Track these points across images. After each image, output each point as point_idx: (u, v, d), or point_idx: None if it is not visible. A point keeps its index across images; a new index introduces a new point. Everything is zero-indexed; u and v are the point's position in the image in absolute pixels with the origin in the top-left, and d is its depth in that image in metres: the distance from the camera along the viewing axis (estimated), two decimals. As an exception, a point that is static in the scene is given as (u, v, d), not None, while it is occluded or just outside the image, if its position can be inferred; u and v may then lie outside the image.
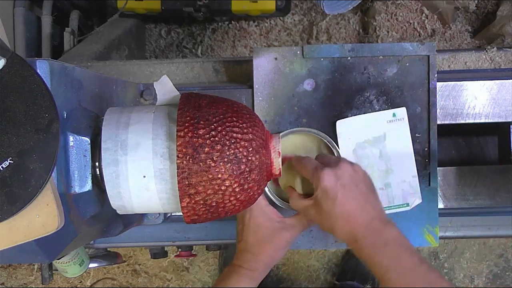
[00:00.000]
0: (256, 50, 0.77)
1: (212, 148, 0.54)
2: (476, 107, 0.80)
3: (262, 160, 0.58)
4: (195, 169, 0.53)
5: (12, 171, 0.47)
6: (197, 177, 0.53)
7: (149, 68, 0.84)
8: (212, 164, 0.53)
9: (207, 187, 0.54)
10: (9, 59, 0.48)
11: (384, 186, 0.77)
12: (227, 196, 0.55)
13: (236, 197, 0.56)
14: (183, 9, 1.19)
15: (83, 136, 0.56)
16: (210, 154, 0.53)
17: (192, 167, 0.53)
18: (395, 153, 0.77)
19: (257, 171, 0.57)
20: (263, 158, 0.58)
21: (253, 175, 0.56)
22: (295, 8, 1.43)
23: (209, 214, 0.56)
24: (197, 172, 0.53)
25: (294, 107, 0.78)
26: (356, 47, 0.77)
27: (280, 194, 0.77)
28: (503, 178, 0.83)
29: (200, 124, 0.54)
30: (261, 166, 0.58)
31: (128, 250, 1.56)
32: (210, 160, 0.53)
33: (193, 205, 0.55)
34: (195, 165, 0.53)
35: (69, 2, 1.20)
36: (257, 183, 0.57)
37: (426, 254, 1.56)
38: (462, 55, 0.85)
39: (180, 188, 0.53)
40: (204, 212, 0.56)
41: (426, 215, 0.78)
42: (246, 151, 0.55)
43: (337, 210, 0.62)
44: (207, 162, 0.53)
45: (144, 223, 0.79)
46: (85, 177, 0.56)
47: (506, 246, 1.55)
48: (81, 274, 0.90)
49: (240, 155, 0.55)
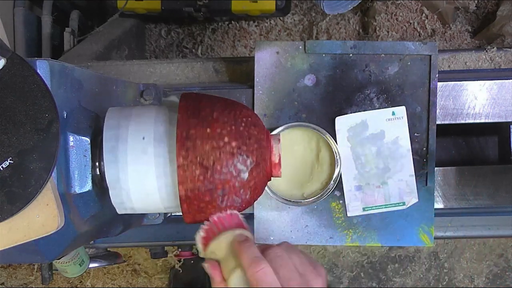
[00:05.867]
0: (258, 43, 0.78)
1: (212, 111, 0.55)
2: (476, 107, 0.80)
3: (262, 157, 0.57)
4: (194, 123, 0.54)
5: (12, 171, 0.47)
6: (195, 129, 0.53)
7: (149, 68, 0.84)
8: (211, 119, 0.54)
9: (205, 141, 0.53)
10: (9, 59, 0.48)
11: (381, 184, 0.78)
12: (224, 155, 0.54)
13: (234, 163, 0.54)
14: (183, 9, 1.19)
15: (83, 136, 0.56)
16: (211, 111, 0.55)
17: (191, 121, 0.54)
18: (393, 151, 0.77)
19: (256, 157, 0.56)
20: (263, 156, 0.58)
21: (252, 142, 0.56)
22: (295, 8, 1.43)
23: (205, 181, 0.54)
24: (196, 125, 0.54)
25: (294, 102, 0.78)
26: (358, 44, 0.77)
27: (280, 194, 0.77)
28: (503, 178, 0.83)
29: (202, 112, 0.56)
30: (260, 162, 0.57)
31: (128, 250, 1.56)
32: (210, 117, 0.54)
33: (189, 164, 0.53)
34: (194, 119, 0.54)
35: (69, 2, 1.20)
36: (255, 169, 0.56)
37: (426, 254, 1.56)
38: (462, 55, 0.85)
39: (178, 140, 0.53)
40: (199, 179, 0.54)
41: (422, 215, 0.78)
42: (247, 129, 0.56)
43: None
44: (207, 118, 0.54)
45: (144, 223, 0.79)
46: (85, 177, 0.56)
47: (506, 246, 1.55)
48: (81, 274, 0.90)
49: (241, 128, 0.55)
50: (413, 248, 1.52)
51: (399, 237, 0.78)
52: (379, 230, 0.79)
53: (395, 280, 1.54)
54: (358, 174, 0.78)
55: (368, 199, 0.78)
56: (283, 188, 0.78)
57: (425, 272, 1.54)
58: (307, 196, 0.78)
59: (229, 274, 0.51)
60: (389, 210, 0.78)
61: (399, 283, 1.53)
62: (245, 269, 0.50)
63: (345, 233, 0.79)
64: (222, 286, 0.52)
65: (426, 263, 1.54)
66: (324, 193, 0.77)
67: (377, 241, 0.79)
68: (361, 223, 0.79)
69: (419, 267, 1.54)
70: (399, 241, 0.79)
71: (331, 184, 0.77)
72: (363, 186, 0.78)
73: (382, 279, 1.54)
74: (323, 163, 0.78)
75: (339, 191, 0.78)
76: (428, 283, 1.54)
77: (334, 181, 0.77)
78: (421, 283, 1.54)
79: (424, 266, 1.54)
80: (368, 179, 0.78)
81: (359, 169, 0.78)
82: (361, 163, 0.78)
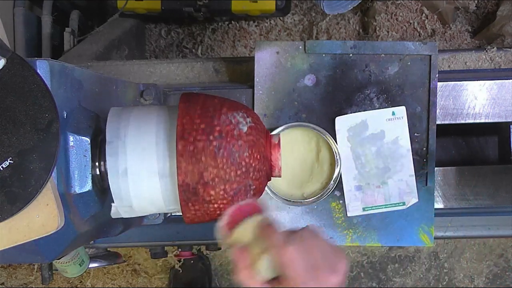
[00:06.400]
0: (258, 43, 0.78)
1: (212, 110, 0.55)
2: (476, 107, 0.80)
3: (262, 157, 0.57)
4: (194, 122, 0.54)
5: (12, 171, 0.47)
6: (196, 131, 0.53)
7: (149, 68, 0.84)
8: (211, 118, 0.54)
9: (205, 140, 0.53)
10: (9, 59, 0.48)
11: (381, 184, 0.78)
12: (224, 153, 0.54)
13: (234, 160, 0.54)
14: (183, 9, 1.19)
15: (83, 136, 0.56)
16: (211, 110, 0.55)
17: (191, 120, 0.54)
18: (393, 151, 0.77)
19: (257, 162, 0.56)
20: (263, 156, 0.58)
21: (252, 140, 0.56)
22: (295, 8, 1.43)
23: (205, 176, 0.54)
24: (196, 124, 0.54)
25: (294, 101, 0.78)
26: (358, 44, 0.77)
27: (280, 194, 0.77)
28: (503, 178, 0.83)
29: None
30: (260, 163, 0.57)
31: (128, 250, 1.56)
32: (210, 116, 0.54)
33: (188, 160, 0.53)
34: (195, 118, 0.54)
35: (69, 2, 1.20)
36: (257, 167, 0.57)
37: (426, 254, 1.56)
38: (462, 55, 0.85)
39: (178, 138, 0.53)
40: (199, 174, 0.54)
41: (421, 215, 0.78)
42: None
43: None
44: (207, 117, 0.54)
45: (144, 223, 0.79)
46: (85, 177, 0.56)
47: (506, 246, 1.55)
48: (81, 274, 0.90)
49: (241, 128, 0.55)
50: (413, 248, 1.52)
51: (399, 237, 0.78)
52: (379, 230, 0.79)
53: (395, 280, 1.54)
54: (358, 174, 0.78)
55: (368, 199, 0.78)
56: (283, 188, 0.78)
57: (425, 272, 1.54)
58: (307, 196, 0.78)
59: (257, 258, 0.50)
60: (389, 210, 0.78)
61: (399, 283, 1.53)
62: (274, 252, 0.49)
63: (345, 233, 0.79)
64: (248, 272, 0.51)
65: (426, 263, 1.54)
66: (324, 193, 0.77)
67: (377, 241, 0.79)
68: (361, 223, 0.79)
69: (419, 267, 1.54)
70: (399, 241, 0.79)
71: (331, 184, 0.77)
72: (363, 186, 0.78)
73: (382, 279, 1.54)
74: (323, 163, 0.78)
75: (339, 191, 0.78)
76: (428, 283, 1.54)
77: (334, 181, 0.77)
78: (421, 283, 1.54)
79: (424, 266, 1.54)
80: (368, 179, 0.78)
81: (359, 169, 0.78)
82: (361, 163, 0.78)
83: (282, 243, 0.49)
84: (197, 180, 0.54)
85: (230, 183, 0.55)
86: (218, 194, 0.55)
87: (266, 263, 0.50)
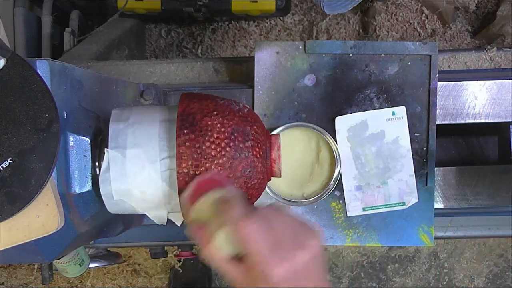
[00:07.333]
0: (258, 43, 0.78)
1: (213, 109, 0.55)
2: (476, 107, 0.80)
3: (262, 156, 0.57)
4: (194, 121, 0.53)
5: (12, 171, 0.47)
6: (195, 133, 0.53)
7: (149, 68, 0.84)
8: (211, 117, 0.54)
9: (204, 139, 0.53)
10: (9, 59, 0.48)
11: (381, 184, 0.78)
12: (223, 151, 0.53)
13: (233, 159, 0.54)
14: (183, 9, 1.19)
15: (83, 136, 0.56)
16: (211, 110, 0.54)
17: (191, 119, 0.53)
18: (393, 151, 0.77)
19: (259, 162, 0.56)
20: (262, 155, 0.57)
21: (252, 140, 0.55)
22: (295, 8, 1.43)
23: None
24: (196, 123, 0.54)
25: (294, 101, 0.78)
26: (358, 44, 0.77)
27: (280, 194, 0.77)
28: (503, 178, 0.83)
29: None
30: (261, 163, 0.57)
31: (128, 250, 1.56)
32: (210, 115, 0.54)
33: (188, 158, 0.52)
34: (195, 117, 0.54)
35: (69, 2, 1.20)
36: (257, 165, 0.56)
37: (426, 254, 1.56)
38: (462, 55, 0.85)
39: (177, 137, 0.53)
40: None
41: (421, 215, 0.78)
42: None
43: None
44: (207, 116, 0.54)
45: (144, 223, 0.79)
46: (85, 177, 0.56)
47: (506, 246, 1.55)
48: (81, 274, 0.90)
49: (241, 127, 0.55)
50: (413, 248, 1.52)
51: (399, 237, 0.78)
52: (379, 230, 0.79)
53: (395, 280, 1.54)
54: (358, 174, 0.78)
55: (368, 199, 0.78)
56: (283, 188, 0.78)
57: (425, 272, 1.54)
58: (307, 196, 0.78)
59: (213, 234, 0.47)
60: (389, 210, 0.78)
61: (399, 283, 1.53)
62: (231, 227, 0.46)
63: (345, 233, 0.79)
64: (208, 249, 0.48)
65: (426, 263, 1.54)
66: (324, 193, 0.77)
67: (377, 241, 0.79)
68: (361, 223, 0.79)
69: (419, 267, 1.54)
70: (399, 241, 0.79)
71: (331, 184, 0.77)
72: (363, 186, 0.78)
73: (382, 279, 1.54)
74: (323, 163, 0.78)
75: (339, 191, 0.78)
76: (428, 283, 1.54)
77: (334, 181, 0.77)
78: (421, 283, 1.54)
79: (424, 266, 1.54)
80: (368, 179, 0.78)
81: (359, 169, 0.78)
82: (361, 163, 0.78)
83: (239, 217, 0.46)
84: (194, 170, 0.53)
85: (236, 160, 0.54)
86: None
87: (223, 238, 0.47)
